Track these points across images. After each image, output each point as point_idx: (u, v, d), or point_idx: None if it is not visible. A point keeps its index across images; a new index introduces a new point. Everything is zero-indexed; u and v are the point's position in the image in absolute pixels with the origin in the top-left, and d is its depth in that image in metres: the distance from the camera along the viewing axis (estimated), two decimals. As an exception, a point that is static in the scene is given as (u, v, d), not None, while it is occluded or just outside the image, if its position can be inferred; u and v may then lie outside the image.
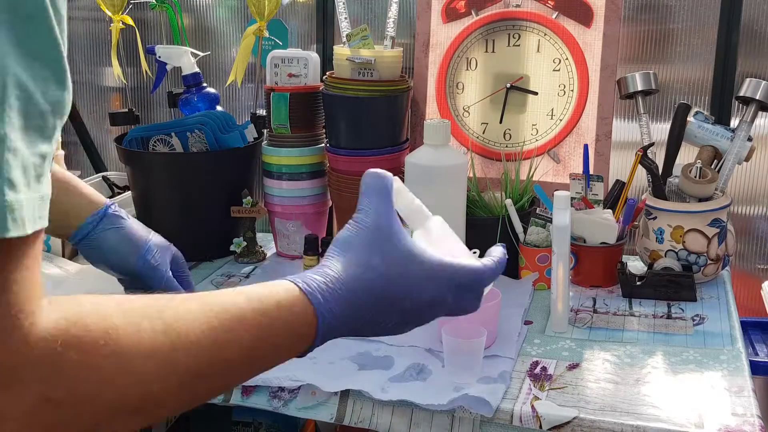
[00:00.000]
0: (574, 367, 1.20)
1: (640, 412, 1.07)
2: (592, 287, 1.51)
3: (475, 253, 1.32)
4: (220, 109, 1.77)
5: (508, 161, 1.61)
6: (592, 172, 1.58)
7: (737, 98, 1.59)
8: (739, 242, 1.72)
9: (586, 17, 1.60)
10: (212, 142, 1.66)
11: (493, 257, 0.78)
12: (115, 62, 1.82)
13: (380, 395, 1.12)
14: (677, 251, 1.49)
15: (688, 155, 1.61)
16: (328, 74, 1.62)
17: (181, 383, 0.57)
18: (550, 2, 1.62)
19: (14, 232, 0.47)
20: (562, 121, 1.63)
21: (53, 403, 0.50)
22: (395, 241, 0.70)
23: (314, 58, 1.65)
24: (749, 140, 1.55)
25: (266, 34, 1.75)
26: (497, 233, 1.49)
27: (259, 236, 1.73)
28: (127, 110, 1.86)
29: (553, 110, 1.64)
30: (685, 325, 1.35)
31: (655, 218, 1.51)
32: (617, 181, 1.59)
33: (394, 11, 1.60)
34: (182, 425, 1.65)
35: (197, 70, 1.78)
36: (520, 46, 1.65)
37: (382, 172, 0.73)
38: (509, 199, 1.50)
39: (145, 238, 1.21)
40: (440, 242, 0.74)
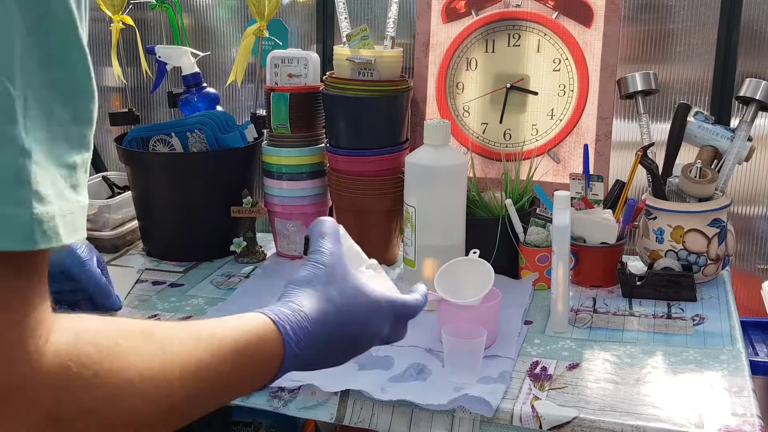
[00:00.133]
0: (574, 367, 1.20)
1: (640, 412, 1.07)
2: (592, 287, 1.51)
3: (475, 253, 1.33)
4: (220, 109, 1.77)
5: (508, 161, 1.61)
6: (592, 172, 1.58)
7: (737, 98, 1.59)
8: (739, 242, 1.71)
9: (586, 17, 1.60)
10: (212, 142, 1.66)
11: (420, 293, 0.87)
12: (115, 62, 1.82)
13: (380, 395, 1.12)
14: (677, 251, 1.49)
15: (688, 155, 1.61)
16: (328, 74, 1.62)
17: (171, 406, 0.58)
18: (550, 2, 1.62)
19: (44, 244, 0.47)
20: (562, 121, 1.63)
21: (58, 420, 0.50)
22: (348, 278, 0.78)
23: (314, 58, 1.65)
24: (749, 140, 1.55)
25: (266, 34, 1.75)
26: (497, 233, 1.49)
27: (259, 236, 1.73)
28: (127, 110, 1.86)
29: (553, 110, 1.64)
30: (685, 325, 1.35)
31: (655, 218, 1.51)
32: (617, 181, 1.59)
33: (394, 11, 1.60)
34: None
35: (197, 70, 1.78)
36: (520, 46, 1.65)
37: (330, 219, 0.83)
38: (509, 199, 1.50)
39: None
40: (378, 280, 0.83)
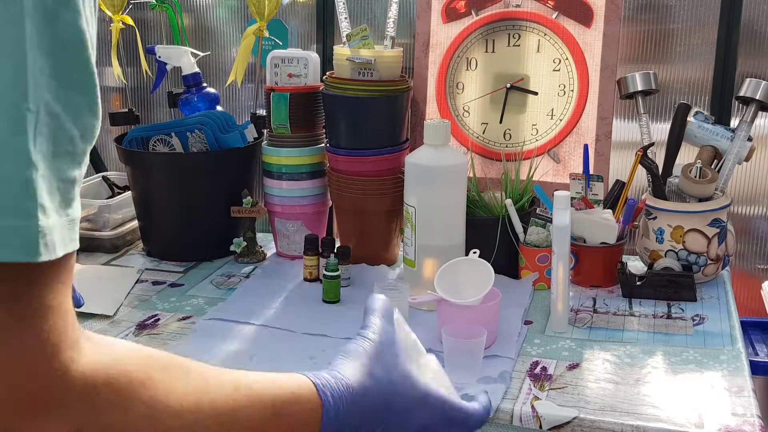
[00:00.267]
0: (574, 367, 1.20)
1: (640, 412, 1.07)
2: (592, 287, 1.51)
3: (475, 253, 1.33)
4: (220, 109, 1.77)
5: (508, 161, 1.61)
6: (592, 172, 1.58)
7: (737, 98, 1.59)
8: (739, 242, 1.72)
9: (586, 17, 1.60)
10: (212, 142, 1.66)
11: (481, 402, 0.77)
12: (115, 62, 1.82)
13: (380, 395, 1.12)
14: (677, 251, 1.49)
15: (688, 155, 1.61)
16: (328, 74, 1.62)
17: None
18: (550, 2, 1.62)
19: (45, 256, 0.48)
20: (562, 121, 1.63)
21: None
22: (398, 359, 0.71)
23: (314, 58, 1.65)
24: (749, 140, 1.55)
25: (266, 34, 1.75)
26: (497, 233, 1.49)
27: (259, 236, 1.73)
28: (127, 110, 1.86)
29: (553, 110, 1.64)
30: (685, 325, 1.35)
31: (655, 218, 1.51)
32: (617, 181, 1.59)
33: (394, 11, 1.60)
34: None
35: (197, 70, 1.78)
36: (520, 46, 1.65)
37: (384, 298, 0.75)
38: (509, 199, 1.50)
39: None
40: (436, 376, 0.75)
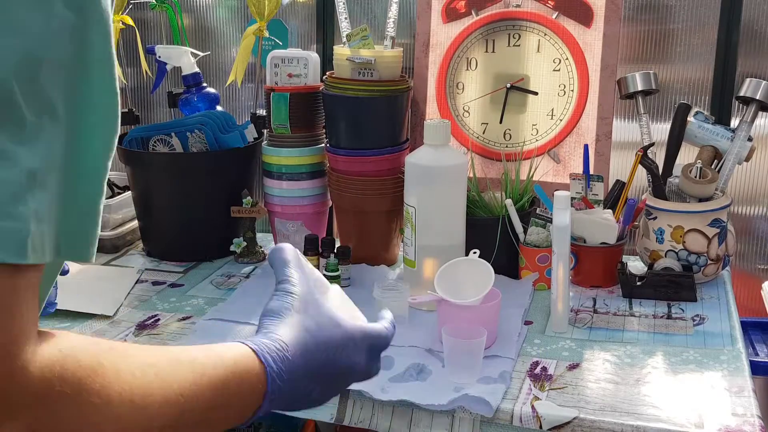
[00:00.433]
0: (574, 367, 1.20)
1: (640, 412, 1.07)
2: (592, 287, 1.51)
3: (475, 253, 1.33)
4: (220, 109, 1.77)
5: (508, 161, 1.61)
6: (592, 172, 1.58)
7: (737, 98, 1.59)
8: (739, 242, 1.71)
9: (586, 17, 1.60)
10: (212, 142, 1.66)
11: (388, 320, 0.80)
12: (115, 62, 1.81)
13: (380, 395, 1.12)
14: (677, 251, 1.49)
15: (688, 155, 1.61)
16: (328, 74, 1.62)
17: (149, 430, 0.57)
18: (550, 2, 1.62)
19: (33, 259, 0.49)
20: (562, 121, 1.63)
21: None
22: (320, 307, 0.73)
23: (314, 58, 1.65)
24: (749, 140, 1.55)
25: (266, 34, 1.75)
26: (497, 233, 1.49)
27: (259, 236, 1.73)
28: (127, 110, 1.86)
29: (553, 110, 1.64)
30: (685, 325, 1.35)
31: (655, 218, 1.51)
32: (617, 181, 1.59)
33: (394, 11, 1.60)
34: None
35: (197, 70, 1.78)
36: (520, 46, 1.65)
37: (289, 246, 0.77)
38: (509, 199, 1.50)
39: None
40: (344, 306, 0.78)
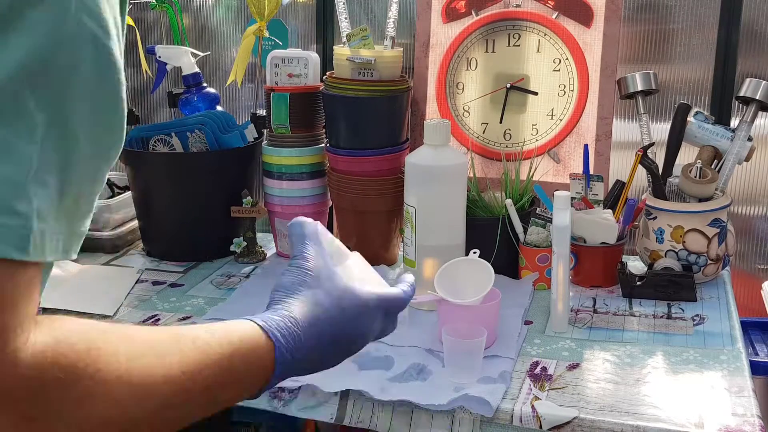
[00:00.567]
0: (574, 367, 1.20)
1: (640, 412, 1.07)
2: (592, 287, 1.51)
3: (475, 253, 1.33)
4: (220, 109, 1.77)
5: (508, 161, 1.61)
6: (592, 172, 1.58)
7: (737, 98, 1.59)
8: (739, 242, 1.71)
9: (586, 17, 1.60)
10: (212, 142, 1.66)
11: (407, 283, 0.85)
12: (115, 62, 1.81)
13: (380, 395, 1.12)
14: (677, 251, 1.49)
15: (688, 155, 1.61)
16: (328, 74, 1.62)
17: (152, 411, 0.58)
18: (550, 2, 1.62)
19: (34, 257, 0.50)
20: (562, 121, 1.63)
21: (34, 420, 0.51)
22: (335, 279, 0.77)
23: (314, 58, 1.65)
24: (749, 140, 1.55)
25: (266, 34, 1.75)
26: (497, 233, 1.49)
27: (259, 236, 1.73)
28: (127, 110, 1.86)
29: (553, 110, 1.64)
30: (685, 325, 1.35)
31: (655, 218, 1.51)
32: (617, 181, 1.59)
33: (394, 11, 1.60)
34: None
35: (197, 70, 1.78)
36: (520, 46, 1.65)
37: (308, 219, 0.80)
38: (509, 199, 1.50)
39: None
40: (363, 275, 0.82)
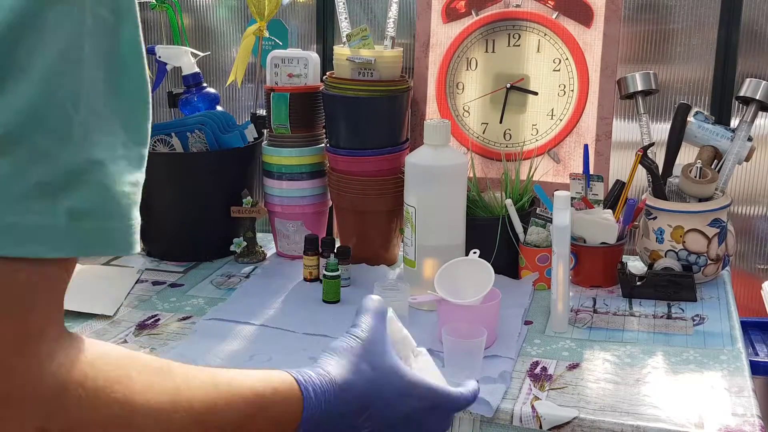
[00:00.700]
0: (574, 367, 1.20)
1: (640, 412, 1.07)
2: (592, 287, 1.51)
3: (475, 253, 1.33)
4: (220, 109, 1.77)
5: (508, 161, 1.61)
6: (592, 172, 1.58)
7: (737, 98, 1.59)
8: (739, 242, 1.71)
9: (586, 17, 1.60)
10: (212, 142, 1.66)
11: (469, 388, 0.81)
12: (115, 62, 1.82)
13: (380, 395, 1.12)
14: (677, 251, 1.49)
15: (688, 155, 1.61)
16: (328, 74, 1.62)
17: None
18: (550, 2, 1.62)
19: (68, 253, 0.49)
20: (562, 121, 1.63)
21: None
22: (385, 356, 0.74)
23: (314, 58, 1.65)
24: (749, 140, 1.55)
25: (266, 34, 1.75)
26: (497, 233, 1.49)
27: (259, 236, 1.73)
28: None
29: (553, 110, 1.64)
30: (685, 325, 1.35)
31: (655, 218, 1.51)
32: (617, 181, 1.59)
33: (394, 11, 1.60)
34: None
35: (197, 70, 1.78)
36: (520, 46, 1.65)
37: (379, 299, 0.78)
38: (509, 199, 1.50)
39: None
40: (425, 368, 0.79)
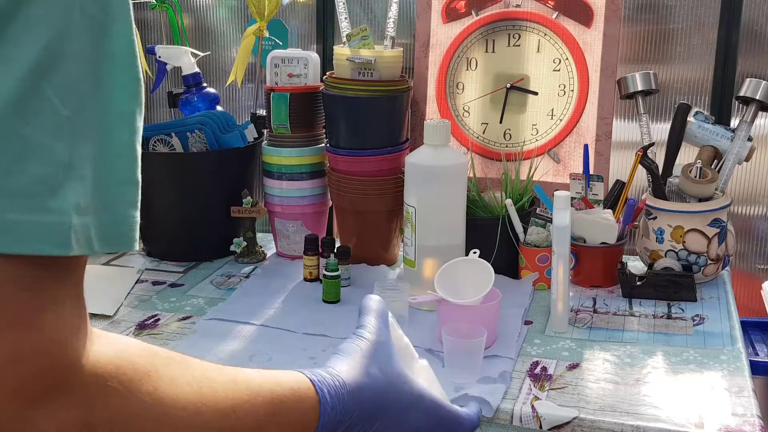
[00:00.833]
0: (574, 367, 1.20)
1: (640, 412, 1.07)
2: (592, 287, 1.51)
3: (475, 253, 1.33)
4: (220, 109, 1.77)
5: (508, 161, 1.61)
6: (592, 172, 1.58)
7: (737, 98, 1.59)
8: (739, 242, 1.71)
9: (586, 17, 1.60)
10: (212, 142, 1.66)
11: (473, 410, 0.79)
12: (115, 62, 1.82)
13: (380, 395, 1.12)
14: (677, 251, 1.49)
15: (688, 155, 1.61)
16: (328, 74, 1.62)
17: None
18: (550, 2, 1.62)
19: (78, 250, 0.48)
20: (562, 121, 1.63)
21: (91, 427, 0.51)
22: (393, 359, 0.72)
23: (314, 58, 1.65)
24: (749, 140, 1.55)
25: (266, 34, 1.75)
26: (497, 233, 1.49)
27: (259, 236, 1.73)
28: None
29: (553, 110, 1.64)
30: (685, 325, 1.35)
31: (655, 218, 1.51)
32: (617, 181, 1.59)
33: (394, 11, 1.60)
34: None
35: (197, 70, 1.78)
36: (520, 46, 1.65)
37: (378, 298, 0.76)
38: (509, 199, 1.50)
39: None
40: (428, 380, 0.76)
